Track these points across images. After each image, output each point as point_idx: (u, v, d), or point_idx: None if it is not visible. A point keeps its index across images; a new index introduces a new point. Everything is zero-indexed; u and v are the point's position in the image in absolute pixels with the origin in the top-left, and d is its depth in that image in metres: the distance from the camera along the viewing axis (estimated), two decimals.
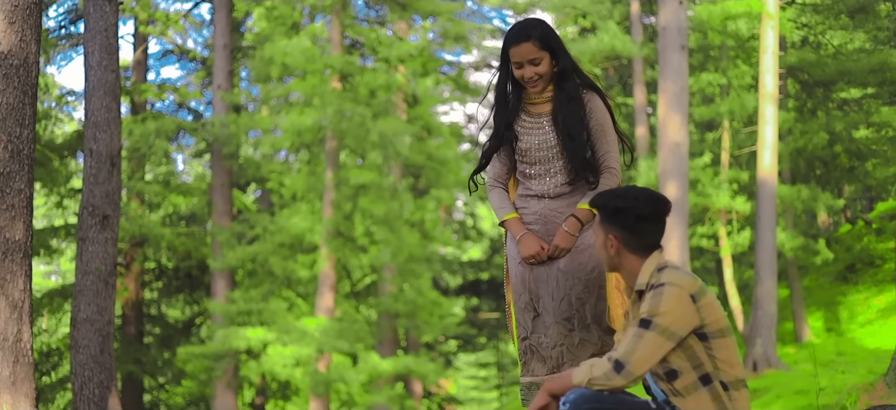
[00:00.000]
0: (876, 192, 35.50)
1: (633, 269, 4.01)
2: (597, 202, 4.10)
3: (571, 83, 4.72)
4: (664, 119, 16.78)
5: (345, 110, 19.63)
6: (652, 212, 3.99)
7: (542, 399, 3.91)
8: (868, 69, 24.06)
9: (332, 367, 20.00)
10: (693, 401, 3.84)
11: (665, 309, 3.77)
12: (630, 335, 3.82)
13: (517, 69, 4.70)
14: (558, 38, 4.74)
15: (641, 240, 3.98)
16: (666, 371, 3.88)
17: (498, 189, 4.95)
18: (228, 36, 21.77)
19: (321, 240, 20.12)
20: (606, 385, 3.77)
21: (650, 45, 25.03)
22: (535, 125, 4.81)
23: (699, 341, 3.83)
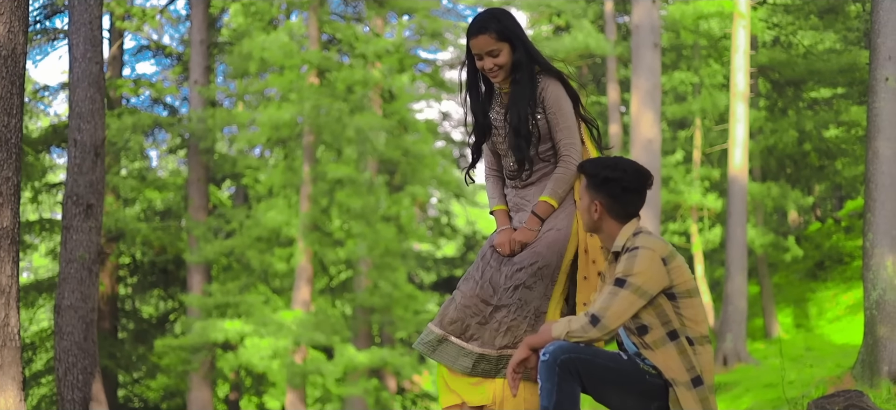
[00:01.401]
0: (845, 191, 35.94)
1: (611, 233, 4.37)
2: (587, 169, 4.40)
3: (524, 75, 4.75)
4: (637, 116, 16.99)
5: (322, 105, 19.74)
6: (637, 185, 4.35)
7: (523, 352, 4.22)
8: (837, 69, 24.39)
9: (308, 360, 20.12)
10: (661, 354, 4.18)
11: (638, 269, 4.13)
12: (606, 292, 4.16)
13: (478, 60, 4.77)
14: (518, 28, 4.78)
15: (624, 209, 4.34)
16: (637, 327, 4.22)
17: (491, 178, 5.07)
18: (205, 31, 21.82)
19: (298, 234, 20.23)
20: (583, 337, 4.09)
21: (624, 43, 25.28)
22: (501, 115, 4.90)
23: (668, 300, 4.20)
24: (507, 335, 4.64)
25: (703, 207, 24.53)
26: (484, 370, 4.65)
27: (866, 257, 15.29)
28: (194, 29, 21.85)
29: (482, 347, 4.67)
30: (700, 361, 4.20)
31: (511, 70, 4.78)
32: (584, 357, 4.06)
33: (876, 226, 15.15)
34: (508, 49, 4.72)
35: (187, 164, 22.38)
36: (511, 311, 4.67)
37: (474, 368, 4.66)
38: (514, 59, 4.74)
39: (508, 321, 4.66)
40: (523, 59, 4.75)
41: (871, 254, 15.18)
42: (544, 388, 4.03)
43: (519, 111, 4.74)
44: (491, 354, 4.65)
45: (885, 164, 15.14)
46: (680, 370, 4.17)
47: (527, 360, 4.22)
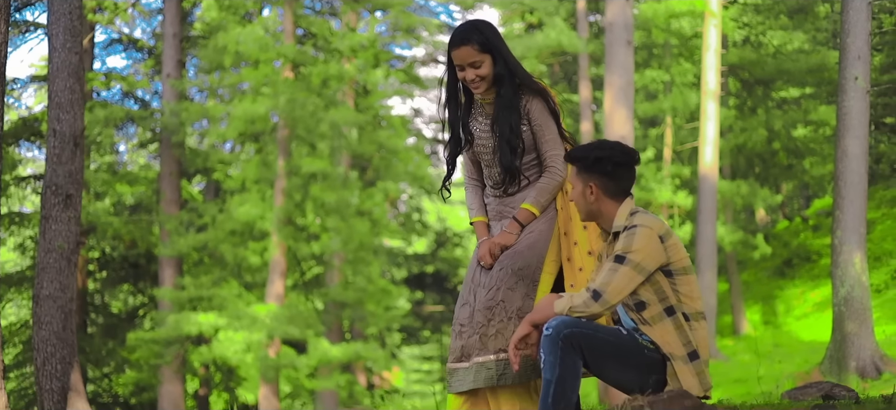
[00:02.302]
0: (812, 190, 36.33)
1: (609, 214, 4.50)
2: (575, 155, 4.50)
3: (508, 88, 4.78)
4: (610, 113, 17.12)
5: (297, 99, 19.75)
6: (627, 160, 4.49)
7: (525, 328, 4.33)
8: (806, 69, 24.65)
9: (281, 353, 20.14)
10: (659, 330, 4.33)
11: (637, 246, 4.27)
12: (606, 269, 4.29)
13: (459, 71, 4.80)
14: (500, 40, 4.81)
15: (618, 185, 4.47)
16: (636, 303, 4.37)
17: (471, 187, 5.10)
18: (178, 25, 21.76)
19: (272, 228, 20.24)
20: (585, 312, 4.21)
21: (596, 41, 25.42)
22: (484, 126, 4.92)
23: (665, 277, 4.34)
24: (498, 338, 4.67)
25: (674, 205, 24.73)
26: (486, 377, 4.65)
27: (834, 254, 15.53)
28: (167, 22, 21.79)
29: (480, 356, 4.69)
30: (696, 336, 4.34)
31: (493, 82, 4.80)
32: (586, 331, 4.17)
33: (844, 224, 15.39)
34: (490, 61, 4.76)
35: (159, 158, 22.30)
36: (496, 313, 4.70)
37: (476, 379, 4.67)
38: (496, 71, 4.76)
39: (496, 323, 4.69)
40: (505, 72, 4.77)
41: (839, 252, 15.43)
42: (547, 362, 4.13)
43: (508, 122, 4.78)
44: (490, 360, 4.67)
45: (853, 162, 15.38)
46: (677, 344, 4.30)
47: (528, 336, 4.33)
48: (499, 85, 4.78)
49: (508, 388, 4.68)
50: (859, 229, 15.46)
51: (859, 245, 15.41)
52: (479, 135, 4.94)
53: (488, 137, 4.89)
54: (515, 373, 4.60)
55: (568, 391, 4.10)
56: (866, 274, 15.39)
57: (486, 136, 4.90)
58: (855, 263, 15.33)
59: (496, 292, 4.71)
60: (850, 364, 14.79)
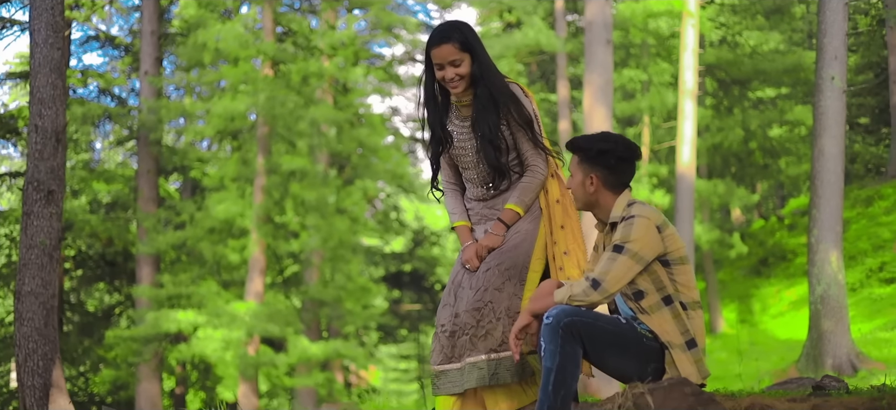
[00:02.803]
0: (787, 189, 36.58)
1: (607, 205, 4.57)
2: (578, 145, 4.54)
3: (485, 89, 4.79)
4: (589, 111, 17.16)
5: (277, 97, 19.72)
6: (629, 154, 4.55)
7: (525, 318, 4.38)
8: (782, 69, 24.83)
9: (260, 351, 20.12)
10: (657, 318, 4.39)
11: (635, 236, 4.33)
12: (605, 258, 4.34)
13: (438, 70, 4.80)
14: (479, 41, 4.82)
15: (619, 179, 4.54)
16: (634, 292, 4.43)
17: (450, 191, 5.10)
18: (156, 22, 21.69)
19: (251, 226, 20.22)
20: (585, 301, 4.27)
21: (574, 40, 25.50)
22: (462, 129, 4.93)
23: (662, 266, 4.41)
24: (488, 339, 4.68)
25: (651, 203, 24.82)
26: (479, 377, 4.66)
27: (811, 253, 15.66)
28: (145, 19, 21.71)
29: (471, 357, 4.69)
30: (693, 325, 4.41)
31: (470, 83, 4.81)
32: (586, 320, 4.22)
33: (821, 223, 15.53)
34: (469, 60, 4.77)
35: (137, 156, 22.21)
36: (485, 314, 4.71)
37: (468, 380, 4.67)
38: (473, 71, 4.77)
39: (485, 324, 4.69)
40: (482, 73, 4.79)
41: (815, 250, 15.56)
42: (547, 350, 4.17)
43: (488, 122, 4.79)
44: (481, 360, 4.67)
45: (830, 162, 15.51)
46: (675, 333, 4.36)
47: (528, 326, 4.38)
48: (475, 85, 4.80)
49: (502, 386, 4.70)
50: (835, 228, 15.59)
51: (835, 243, 15.54)
52: (457, 138, 4.95)
53: (467, 138, 4.91)
54: (507, 372, 4.63)
55: (568, 379, 4.14)
56: (842, 273, 15.52)
57: (465, 138, 4.92)
58: (831, 261, 15.46)
59: (484, 293, 4.72)
60: (827, 362, 14.92)
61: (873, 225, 24.72)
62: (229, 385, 23.35)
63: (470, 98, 4.86)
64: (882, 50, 29.38)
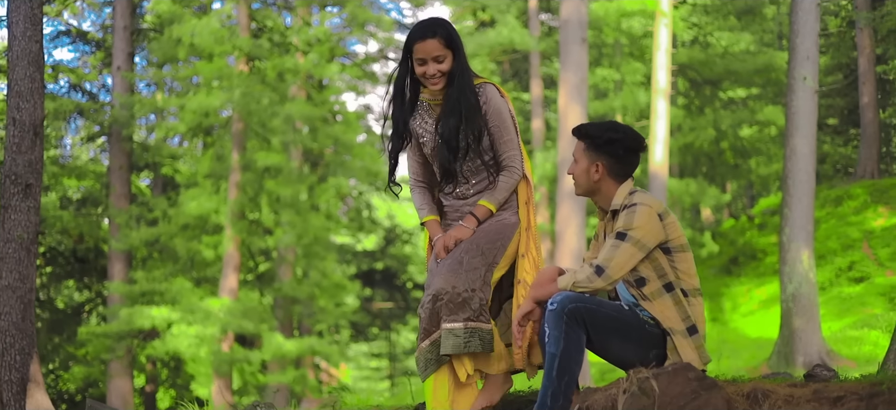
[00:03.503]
0: (757, 189, 36.85)
1: (609, 193, 4.64)
2: (589, 131, 4.64)
3: (456, 89, 4.78)
4: (564, 110, 17.21)
5: (253, 93, 19.68)
6: (637, 146, 4.63)
7: (528, 305, 4.44)
8: (753, 69, 25.02)
9: (235, 347, 20.08)
10: (658, 305, 4.45)
11: (638, 223, 4.39)
12: (608, 245, 4.41)
13: (420, 65, 4.77)
14: (461, 40, 4.85)
15: (624, 169, 4.62)
16: (636, 279, 4.49)
17: (418, 188, 5.09)
18: (129, 17, 21.58)
19: (226, 222, 20.16)
20: (588, 287, 4.33)
21: (547, 39, 25.58)
22: (431, 126, 4.93)
23: (664, 254, 4.47)
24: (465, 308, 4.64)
25: None
26: (454, 344, 4.63)
27: (783, 251, 15.81)
28: (118, 14, 21.59)
29: (448, 323, 4.67)
30: (694, 311, 4.47)
31: (448, 81, 4.81)
32: (590, 306, 4.27)
33: (792, 222, 15.69)
34: (451, 58, 4.77)
35: (109, 152, 22.08)
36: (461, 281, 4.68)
37: (444, 346, 4.64)
38: (453, 69, 4.78)
39: (462, 292, 4.66)
40: (460, 73, 4.79)
41: (787, 249, 15.72)
42: (552, 336, 4.22)
43: (451, 122, 4.78)
44: (458, 327, 4.65)
45: (801, 161, 15.68)
46: (676, 319, 4.42)
47: (532, 312, 4.44)
48: (450, 84, 4.80)
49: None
50: (807, 227, 15.75)
51: (807, 242, 15.71)
52: (426, 136, 4.95)
53: (434, 136, 4.92)
54: (480, 343, 4.62)
55: (572, 364, 4.19)
56: (814, 271, 15.69)
57: (433, 136, 4.93)
58: (803, 260, 15.62)
59: (459, 265, 4.71)
60: (798, 359, 15.07)
61: (842, 224, 24.96)
62: (203, 381, 23.26)
63: (442, 96, 4.86)
64: (852, 51, 29.65)
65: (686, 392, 3.38)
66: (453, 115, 4.77)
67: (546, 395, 4.17)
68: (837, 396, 3.03)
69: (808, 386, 3.29)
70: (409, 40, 4.80)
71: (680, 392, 3.38)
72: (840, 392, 3.06)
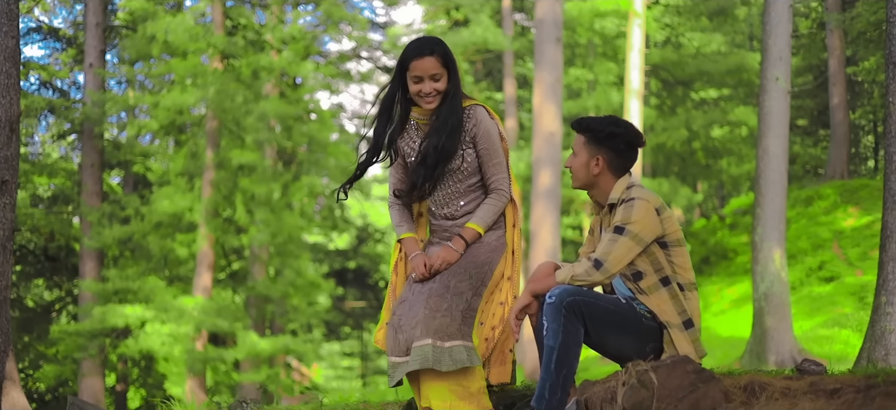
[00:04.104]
0: (727, 189, 37.10)
1: (606, 187, 4.68)
2: (590, 125, 4.67)
3: (448, 109, 4.75)
4: (539, 109, 17.27)
5: (227, 90, 19.61)
6: (637, 141, 4.66)
7: (525, 299, 4.47)
8: (725, 70, 25.20)
9: (208, 346, 20.00)
10: (655, 299, 4.49)
11: (636, 217, 4.43)
12: (606, 239, 4.44)
13: (415, 83, 4.74)
14: (455, 60, 4.83)
15: (623, 163, 4.66)
16: (633, 273, 4.52)
17: (396, 206, 5.04)
18: (101, 14, 21.44)
19: (200, 220, 20.07)
20: (587, 280, 4.36)
21: (521, 38, 25.66)
22: (418, 142, 4.89)
23: (660, 248, 4.52)
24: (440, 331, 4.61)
25: None
26: (422, 359, 4.58)
27: (755, 251, 15.91)
28: (90, 11, 21.43)
29: (419, 342, 4.62)
30: (690, 305, 4.51)
31: (441, 100, 4.78)
32: (589, 299, 4.30)
33: (765, 221, 15.79)
34: (447, 77, 4.76)
35: (81, 149, 21.94)
36: (443, 304, 4.67)
37: (412, 362, 4.61)
38: (448, 89, 4.76)
39: (441, 315, 4.63)
40: (454, 94, 4.77)
41: (759, 248, 15.81)
42: (550, 329, 4.24)
43: (433, 142, 4.75)
44: (427, 344, 4.60)
45: (774, 161, 15.77)
46: (672, 313, 4.46)
47: (528, 306, 4.46)
48: (443, 104, 4.77)
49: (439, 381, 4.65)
50: (779, 226, 15.86)
51: (779, 241, 15.81)
52: (411, 153, 4.93)
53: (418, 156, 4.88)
54: (451, 361, 4.57)
55: (570, 358, 4.21)
56: (786, 271, 15.79)
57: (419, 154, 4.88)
58: (775, 259, 15.72)
59: (446, 290, 4.69)
60: (770, 358, 15.17)
61: (813, 224, 25.16)
62: (175, 380, 23.16)
63: (433, 115, 4.83)
64: (822, 53, 29.91)
65: (684, 385, 3.41)
66: (440, 134, 4.75)
67: (544, 388, 4.19)
68: (833, 389, 3.08)
69: (804, 379, 3.33)
70: (404, 58, 4.78)
71: (678, 384, 3.41)
72: (836, 385, 3.10)
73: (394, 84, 4.86)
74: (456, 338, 4.62)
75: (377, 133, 4.92)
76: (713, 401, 3.37)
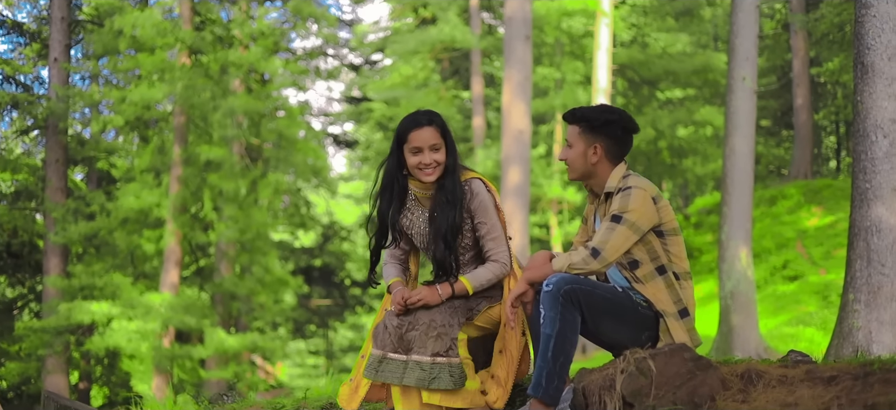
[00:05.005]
0: (691, 189, 37.37)
1: (603, 176, 4.66)
2: (585, 114, 4.65)
3: (451, 180, 4.74)
4: (508, 107, 17.28)
5: (195, 86, 19.49)
6: (632, 126, 4.67)
7: (521, 286, 4.45)
8: (691, 70, 25.37)
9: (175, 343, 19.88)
10: (651, 287, 4.50)
11: (633, 206, 4.42)
12: (604, 228, 4.42)
13: (414, 155, 4.71)
14: (452, 132, 4.82)
15: (621, 150, 4.65)
16: (629, 262, 4.53)
17: (392, 263, 5.00)
18: (66, 9, 21.24)
19: (168, 216, 19.94)
20: (584, 269, 4.34)
21: (488, 36, 25.71)
22: (421, 219, 4.88)
23: (657, 237, 4.52)
24: (437, 342, 4.63)
25: (563, 200, 25.15)
26: (419, 378, 4.59)
27: (721, 249, 16.04)
28: (55, 6, 21.22)
29: (417, 355, 4.64)
30: (685, 294, 4.53)
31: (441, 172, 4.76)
32: (585, 288, 4.28)
33: (731, 220, 15.92)
34: (445, 149, 4.74)
35: (46, 145, 21.72)
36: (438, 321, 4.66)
37: (407, 377, 4.61)
38: (447, 161, 4.75)
39: (437, 329, 4.64)
40: (454, 165, 4.76)
41: (726, 247, 15.94)
42: (547, 317, 4.23)
43: (448, 217, 4.73)
44: (425, 361, 4.61)
45: (740, 160, 15.90)
46: (668, 302, 4.47)
47: (524, 294, 4.44)
48: (443, 176, 4.76)
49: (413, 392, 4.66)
50: (745, 225, 16.00)
51: (745, 240, 15.95)
52: (416, 227, 4.91)
53: (425, 228, 4.87)
54: (450, 378, 4.57)
55: (567, 346, 4.20)
56: (751, 269, 15.94)
57: (423, 227, 4.88)
58: (741, 258, 15.85)
59: (438, 311, 4.68)
60: (736, 356, 15.30)
61: (777, 224, 25.40)
62: (141, 378, 23.01)
63: (432, 189, 4.80)
64: (786, 54, 30.18)
65: (682, 372, 3.44)
66: (451, 208, 4.72)
67: (541, 376, 4.19)
68: (830, 376, 3.11)
69: (800, 367, 3.37)
70: (401, 131, 4.75)
71: (676, 371, 3.44)
72: (833, 373, 3.13)
73: (392, 159, 4.83)
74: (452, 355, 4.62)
75: (382, 213, 4.89)
76: (711, 389, 3.40)
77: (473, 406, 4.66)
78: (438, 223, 4.74)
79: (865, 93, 9.61)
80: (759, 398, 3.13)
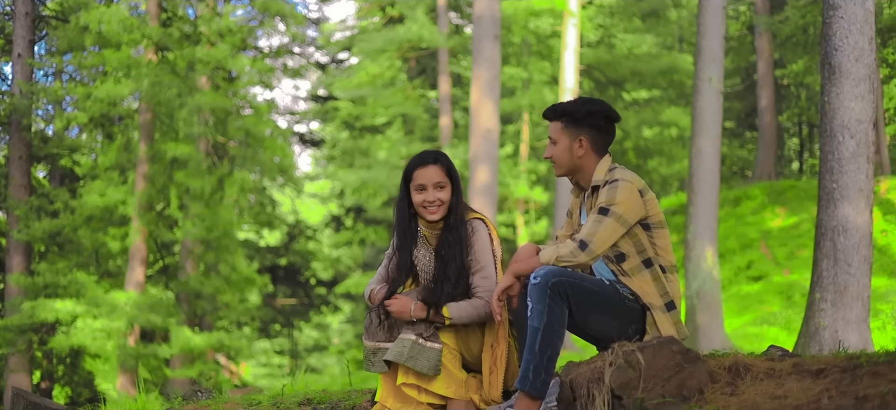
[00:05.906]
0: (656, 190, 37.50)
1: (589, 169, 4.66)
2: (565, 109, 4.66)
3: (456, 219, 4.83)
4: (477, 105, 17.31)
5: (162, 82, 19.36)
6: (614, 116, 4.65)
7: (508, 279, 4.45)
8: (657, 70, 25.53)
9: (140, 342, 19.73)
10: (638, 280, 4.52)
11: (620, 199, 4.42)
12: (591, 220, 4.43)
13: (419, 192, 4.80)
14: (458, 173, 4.92)
15: (605, 140, 4.66)
16: (616, 255, 4.54)
17: (379, 284, 5.01)
18: (31, 4, 21.03)
19: (133, 214, 19.80)
20: (572, 261, 4.34)
21: (456, 36, 25.73)
22: (427, 256, 4.95)
23: (643, 230, 4.53)
24: (421, 327, 4.73)
25: (530, 200, 25.23)
26: (397, 352, 4.68)
27: (687, 249, 16.15)
28: (19, 1, 21.01)
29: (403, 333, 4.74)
30: (671, 287, 4.55)
31: (446, 211, 4.84)
32: (573, 280, 4.28)
33: (697, 220, 16.04)
34: (450, 188, 4.83)
35: (9, 141, 21.48)
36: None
37: (391, 351, 4.69)
38: (452, 201, 4.83)
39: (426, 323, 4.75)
40: (457, 204, 4.85)
41: (692, 246, 16.06)
42: (535, 309, 4.22)
43: (455, 256, 4.81)
44: (409, 339, 4.71)
45: (706, 161, 16.02)
46: (655, 295, 4.49)
47: (511, 287, 4.44)
48: (448, 215, 4.84)
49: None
50: (711, 225, 16.12)
51: (711, 240, 16.07)
52: (422, 263, 4.96)
53: (429, 265, 4.94)
54: (427, 362, 4.65)
55: (555, 339, 4.20)
56: (717, 269, 16.06)
57: (428, 265, 4.94)
58: (707, 258, 15.97)
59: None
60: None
61: (741, 224, 25.61)
62: (105, 377, 22.82)
63: (438, 228, 4.89)
64: (751, 55, 30.43)
65: (670, 365, 3.46)
66: (457, 245, 4.81)
67: (528, 369, 4.18)
68: (818, 369, 3.13)
69: (787, 361, 3.40)
70: (408, 169, 4.85)
71: (664, 364, 3.46)
72: (820, 366, 3.16)
73: (401, 201, 4.92)
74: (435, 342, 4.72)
75: (405, 254, 4.93)
76: (699, 381, 3.42)
77: (457, 397, 4.71)
78: (446, 261, 4.82)
79: (832, 93, 9.75)
80: (747, 390, 3.16)
